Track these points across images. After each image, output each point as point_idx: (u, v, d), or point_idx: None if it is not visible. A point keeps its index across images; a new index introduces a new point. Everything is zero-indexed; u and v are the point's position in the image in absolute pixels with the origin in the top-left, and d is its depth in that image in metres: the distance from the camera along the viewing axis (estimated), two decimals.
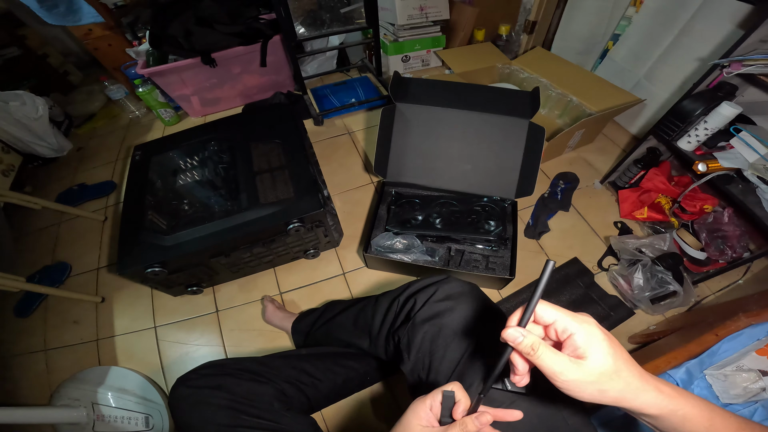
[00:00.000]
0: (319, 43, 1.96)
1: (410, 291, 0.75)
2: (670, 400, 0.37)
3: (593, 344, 0.37)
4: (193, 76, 1.75)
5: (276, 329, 1.19)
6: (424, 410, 0.45)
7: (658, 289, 1.08)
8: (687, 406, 0.38)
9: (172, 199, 1.17)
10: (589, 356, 0.36)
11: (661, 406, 0.37)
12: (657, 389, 0.37)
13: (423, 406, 0.45)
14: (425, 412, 0.45)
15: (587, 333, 0.37)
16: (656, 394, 0.37)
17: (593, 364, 0.36)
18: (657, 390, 0.37)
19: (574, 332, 0.37)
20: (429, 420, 0.45)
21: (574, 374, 0.36)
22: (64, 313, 1.33)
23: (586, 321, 0.38)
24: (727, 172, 1.07)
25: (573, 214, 1.42)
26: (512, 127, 1.22)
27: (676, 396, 0.38)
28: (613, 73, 1.66)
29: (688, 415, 0.37)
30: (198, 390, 0.69)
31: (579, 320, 0.38)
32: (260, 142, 1.23)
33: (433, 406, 0.45)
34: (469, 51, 1.95)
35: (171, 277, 1.08)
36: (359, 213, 1.47)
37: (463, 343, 0.63)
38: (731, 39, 1.04)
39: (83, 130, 2.06)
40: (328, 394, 0.87)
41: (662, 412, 0.37)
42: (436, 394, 0.45)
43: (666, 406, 0.37)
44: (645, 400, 0.37)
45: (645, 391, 0.37)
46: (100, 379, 1.13)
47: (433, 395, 0.45)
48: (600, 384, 0.36)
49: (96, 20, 1.74)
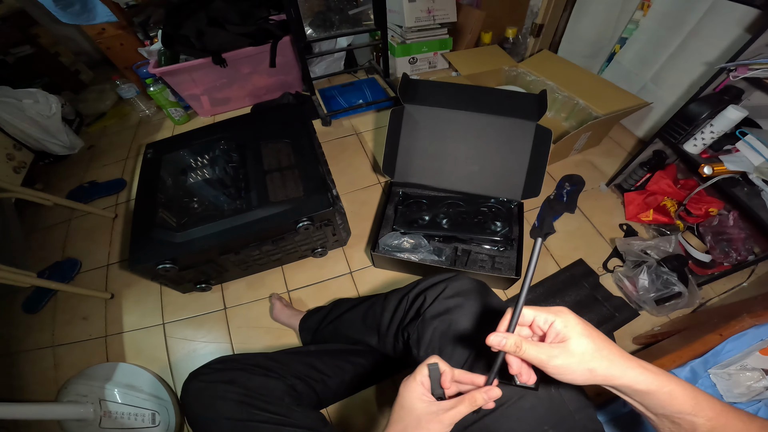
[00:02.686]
0: (328, 44, 1.97)
1: (420, 288, 0.76)
2: (656, 377, 0.40)
3: (570, 327, 0.41)
4: (204, 76, 1.77)
5: (283, 327, 1.21)
6: (417, 387, 0.48)
7: (663, 291, 1.08)
8: (672, 383, 0.40)
9: (183, 197, 1.18)
10: (570, 338, 0.41)
11: (648, 382, 0.40)
12: (642, 366, 0.40)
13: (414, 383, 0.48)
14: (419, 388, 0.47)
15: (563, 319, 0.42)
16: (641, 371, 0.40)
17: (574, 346, 0.41)
18: (642, 367, 0.40)
19: (552, 321, 0.43)
20: (426, 394, 0.48)
21: (559, 359, 0.41)
22: (73, 310, 1.35)
23: (560, 310, 0.43)
24: (732, 176, 1.08)
25: (579, 216, 1.43)
26: (519, 129, 1.23)
27: (661, 373, 0.40)
28: (620, 76, 1.67)
29: (674, 392, 0.40)
30: (211, 384, 0.70)
31: (554, 311, 0.43)
32: (270, 141, 1.24)
33: (423, 382, 0.48)
34: (476, 53, 1.96)
35: (181, 273, 1.09)
36: (366, 213, 1.49)
37: (472, 339, 0.64)
38: (738, 43, 1.04)
39: (94, 128, 2.08)
40: (336, 390, 0.88)
41: (650, 388, 0.40)
42: (422, 369, 0.48)
43: (652, 382, 0.40)
44: (632, 376, 0.40)
45: (630, 369, 0.40)
46: (107, 376, 1.13)
47: (420, 371, 0.48)
48: (585, 363, 0.40)
49: (109, 19, 1.77)
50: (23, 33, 2.00)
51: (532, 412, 0.57)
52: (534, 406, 0.57)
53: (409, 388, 0.48)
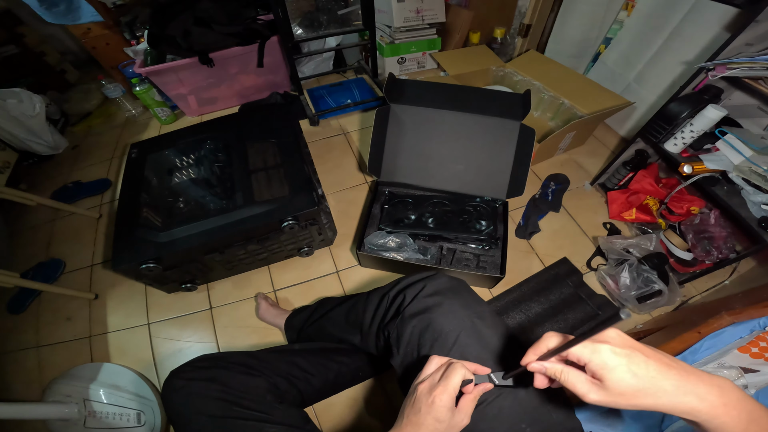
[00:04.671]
0: (316, 44, 1.97)
1: (399, 287, 0.76)
2: (709, 410, 0.37)
3: (606, 370, 0.38)
4: (191, 76, 1.76)
5: (269, 326, 1.21)
6: (450, 399, 0.49)
7: (644, 288, 1.10)
8: (725, 416, 0.38)
9: (168, 197, 1.18)
10: (605, 380, 0.39)
11: (699, 415, 0.38)
12: (698, 398, 0.37)
13: (448, 396, 0.49)
14: (451, 402, 0.50)
15: (599, 361, 0.39)
16: (697, 403, 0.37)
17: (611, 388, 0.38)
18: (698, 399, 0.37)
19: (586, 361, 0.40)
20: (453, 403, 0.50)
21: (597, 396, 0.39)
22: (57, 310, 1.34)
23: (597, 350, 0.39)
24: (712, 174, 1.10)
25: (563, 215, 1.44)
26: (504, 128, 1.24)
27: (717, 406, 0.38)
28: (605, 76, 1.69)
29: (726, 425, 0.38)
30: (191, 382, 0.70)
31: (590, 349, 0.40)
32: (256, 141, 1.24)
33: (454, 393, 0.50)
34: (464, 53, 1.97)
35: (165, 273, 1.09)
36: (353, 212, 1.49)
37: (450, 337, 0.65)
38: (718, 42, 1.05)
39: (79, 128, 2.06)
40: (320, 388, 0.88)
41: (699, 420, 0.38)
42: (454, 379, 0.50)
43: (704, 415, 0.38)
44: (682, 411, 0.38)
45: (682, 403, 0.38)
46: (92, 376, 1.13)
47: (452, 382, 0.50)
48: (626, 400, 0.38)
49: (95, 19, 1.75)
50: (8, 32, 1.97)
51: (509, 410, 0.58)
52: (511, 405, 0.58)
53: (443, 402, 0.49)
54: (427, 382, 0.51)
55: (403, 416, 0.51)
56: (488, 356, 0.62)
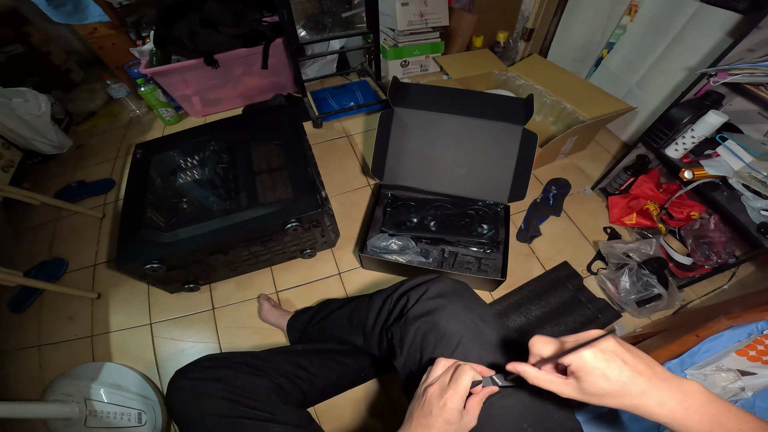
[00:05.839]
0: (320, 46, 1.99)
1: (403, 289, 0.77)
2: (668, 413, 0.40)
3: (584, 372, 0.42)
4: (195, 77, 1.77)
5: (271, 327, 1.21)
6: (460, 403, 0.51)
7: (644, 292, 1.10)
8: (685, 420, 0.40)
9: (172, 197, 1.19)
10: (581, 381, 0.42)
11: (659, 419, 0.41)
12: (658, 403, 0.40)
13: (459, 399, 0.50)
14: (461, 404, 0.51)
15: (580, 364, 0.42)
16: (656, 407, 0.40)
17: (585, 389, 0.42)
18: (658, 403, 0.40)
19: (569, 363, 0.43)
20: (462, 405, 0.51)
21: (571, 392, 0.43)
22: (59, 309, 1.34)
23: (580, 353, 0.42)
24: (712, 180, 1.10)
25: (564, 219, 1.45)
26: (506, 133, 1.25)
27: (677, 411, 0.40)
28: (607, 81, 1.70)
29: (686, 428, 0.40)
30: (197, 381, 0.70)
31: (573, 354, 0.43)
32: (260, 142, 1.25)
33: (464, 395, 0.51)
34: (467, 57, 1.98)
35: (169, 273, 1.09)
36: (356, 214, 1.50)
37: (453, 339, 0.65)
38: (721, 48, 1.05)
39: (83, 127, 2.07)
40: (323, 389, 0.89)
41: (660, 422, 0.41)
42: (463, 381, 0.51)
43: (662, 419, 0.41)
44: (643, 413, 0.41)
45: (643, 406, 0.41)
46: (93, 375, 1.13)
47: (462, 384, 0.51)
48: (597, 400, 0.42)
49: (102, 19, 1.76)
50: (15, 31, 1.98)
51: (511, 411, 0.58)
52: (513, 405, 0.58)
53: (455, 404, 0.50)
54: (437, 384, 0.52)
55: (412, 418, 0.52)
56: (490, 358, 0.63)
